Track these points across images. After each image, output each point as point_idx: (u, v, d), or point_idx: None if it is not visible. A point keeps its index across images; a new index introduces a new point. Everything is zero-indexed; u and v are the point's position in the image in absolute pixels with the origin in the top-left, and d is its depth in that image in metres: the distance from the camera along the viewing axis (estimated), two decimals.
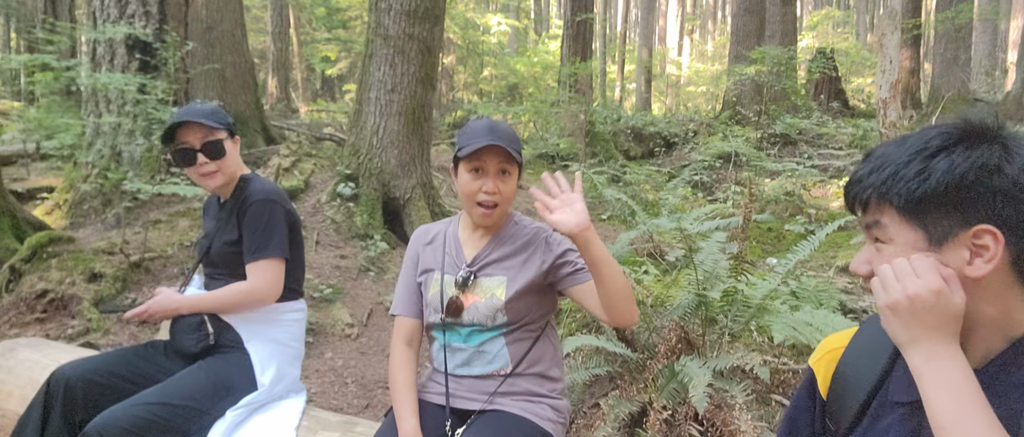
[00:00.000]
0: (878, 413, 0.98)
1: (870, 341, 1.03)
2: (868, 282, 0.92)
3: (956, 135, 0.91)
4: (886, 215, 0.91)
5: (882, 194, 0.90)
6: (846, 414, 1.00)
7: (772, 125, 9.27)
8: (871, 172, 0.92)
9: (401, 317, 1.92)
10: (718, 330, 3.00)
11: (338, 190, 5.31)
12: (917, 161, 0.89)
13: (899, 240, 0.90)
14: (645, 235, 4.40)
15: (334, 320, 3.94)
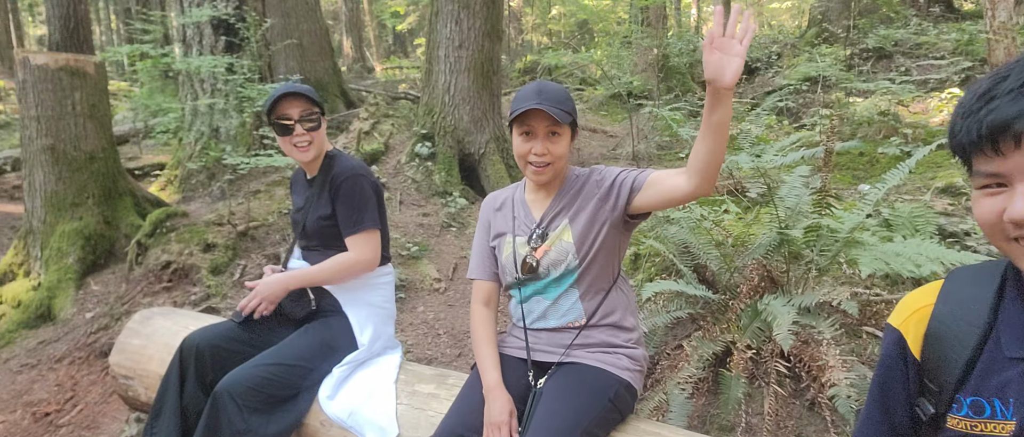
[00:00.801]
0: (989, 368, 0.93)
1: (963, 294, 0.98)
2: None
3: None
4: None
5: None
6: (950, 373, 0.96)
7: (863, 39, 8.60)
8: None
9: (478, 281, 2.04)
10: (804, 266, 2.95)
11: (416, 150, 5.49)
12: None
13: None
14: (725, 172, 4.30)
15: (422, 276, 4.16)
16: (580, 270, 1.85)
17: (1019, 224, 0.82)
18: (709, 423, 2.64)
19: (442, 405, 1.99)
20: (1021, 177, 0.82)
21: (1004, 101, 0.82)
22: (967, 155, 0.88)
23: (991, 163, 0.84)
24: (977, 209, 0.89)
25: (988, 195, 0.86)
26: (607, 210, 1.84)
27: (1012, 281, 0.95)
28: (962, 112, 0.87)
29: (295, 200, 2.52)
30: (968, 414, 0.94)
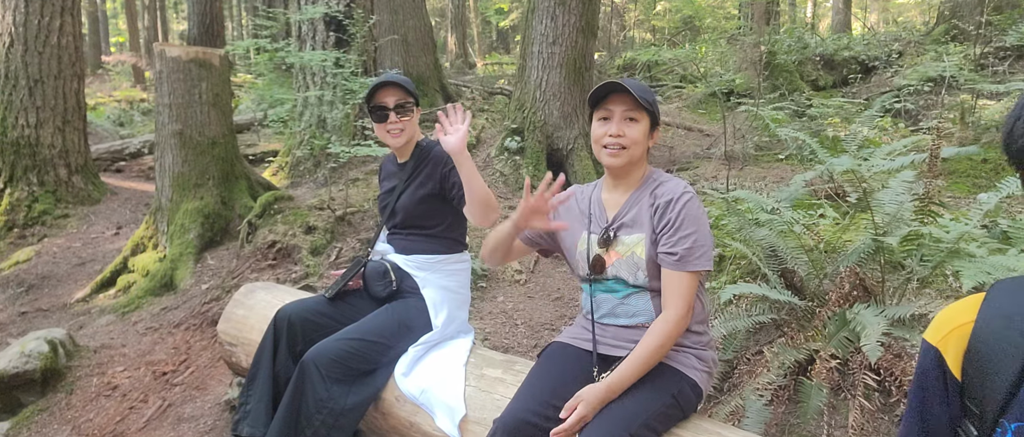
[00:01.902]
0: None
1: (1008, 311, 0.92)
2: None
3: None
4: None
5: None
6: (993, 396, 0.90)
7: (1001, 37, 7.80)
8: None
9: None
10: (903, 276, 2.76)
11: (505, 144, 5.59)
12: None
13: None
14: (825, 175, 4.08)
15: (504, 267, 4.25)
16: (650, 282, 1.85)
17: None
18: (788, 432, 2.54)
19: (508, 390, 2.06)
20: None
21: None
22: (1021, 160, 0.84)
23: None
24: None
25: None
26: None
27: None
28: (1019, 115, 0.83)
29: (383, 185, 2.67)
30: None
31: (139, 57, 16.63)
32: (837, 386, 2.53)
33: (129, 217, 5.94)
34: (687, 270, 1.76)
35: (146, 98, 12.85)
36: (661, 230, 1.79)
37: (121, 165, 7.66)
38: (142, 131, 9.45)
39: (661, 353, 1.77)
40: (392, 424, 2.30)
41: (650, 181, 1.89)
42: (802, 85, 8.76)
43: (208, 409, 3.18)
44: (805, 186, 3.80)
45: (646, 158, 1.92)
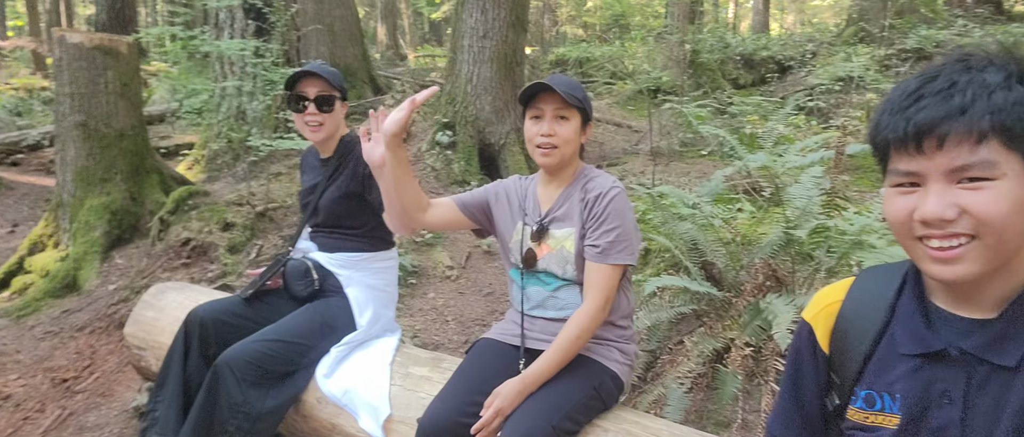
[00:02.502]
0: (883, 363, 0.97)
1: (868, 292, 1.01)
2: (945, 227, 0.84)
3: (1012, 59, 0.85)
4: (989, 147, 0.81)
5: (997, 122, 0.81)
6: (850, 366, 0.99)
7: (903, 40, 8.35)
8: (972, 100, 0.82)
9: (452, 199, 2.04)
10: (812, 267, 2.91)
11: (437, 138, 5.53)
12: (1015, 85, 0.83)
13: (1011, 173, 0.82)
14: (743, 171, 4.25)
15: (435, 263, 4.21)
16: (578, 276, 1.87)
17: (927, 223, 0.84)
18: (706, 418, 2.63)
19: (434, 388, 2.03)
20: (936, 178, 0.84)
21: (932, 101, 0.83)
22: (886, 152, 0.89)
23: (911, 162, 0.85)
24: (889, 207, 0.90)
25: (902, 193, 0.88)
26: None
27: (911, 280, 0.97)
28: (889, 109, 0.88)
29: (305, 180, 2.58)
30: (862, 406, 0.98)
31: (39, 42, 15.45)
32: (751, 372, 2.64)
33: (27, 214, 5.52)
34: (608, 263, 1.79)
35: (47, 86, 11.95)
36: (589, 223, 1.82)
37: (18, 158, 7.09)
38: (42, 122, 8.78)
39: (579, 344, 1.79)
40: (313, 427, 2.24)
41: (582, 177, 1.93)
42: (724, 83, 9.09)
43: (114, 417, 3.00)
44: (725, 181, 3.94)
45: (578, 154, 1.95)
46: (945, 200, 0.83)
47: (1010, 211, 0.81)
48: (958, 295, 0.92)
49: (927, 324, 0.93)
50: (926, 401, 0.91)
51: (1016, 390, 0.85)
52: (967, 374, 0.89)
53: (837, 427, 1.04)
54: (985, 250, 0.83)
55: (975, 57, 0.86)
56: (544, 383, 1.78)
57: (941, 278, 0.87)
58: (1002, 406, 0.86)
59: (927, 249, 0.85)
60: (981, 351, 0.88)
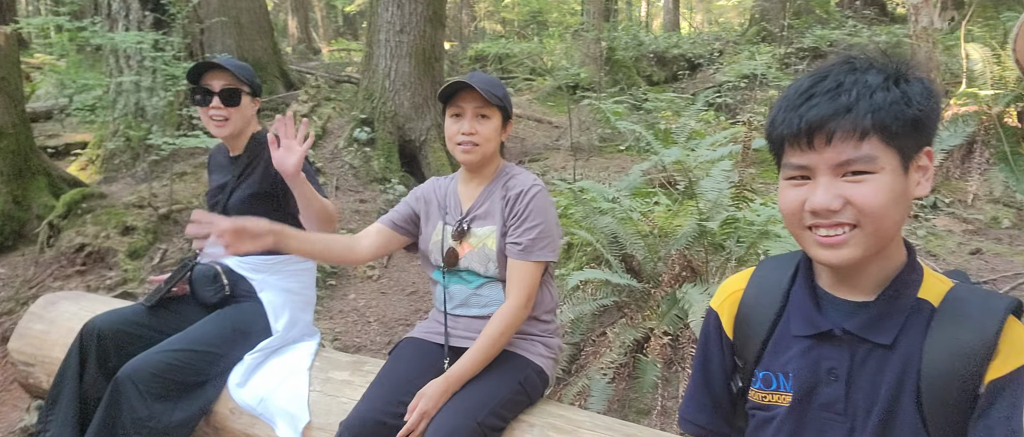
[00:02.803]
0: (778, 346, 1.03)
1: (766, 280, 1.08)
2: (832, 217, 0.90)
3: (891, 62, 0.92)
4: (871, 143, 0.89)
5: (878, 120, 0.88)
6: (751, 350, 1.06)
7: (800, 39, 8.90)
8: (857, 99, 0.88)
9: (376, 224, 2.01)
10: (723, 257, 3.04)
11: (355, 135, 5.39)
12: (893, 87, 0.89)
13: (888, 167, 0.89)
14: (659, 165, 4.39)
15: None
16: (500, 273, 1.87)
17: (816, 213, 0.90)
18: (628, 407, 2.70)
19: (356, 392, 1.97)
20: (824, 171, 0.90)
21: (822, 100, 0.89)
22: (781, 146, 0.95)
23: (802, 156, 0.91)
24: (783, 198, 0.96)
25: (794, 186, 0.94)
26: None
27: (803, 268, 1.05)
28: (784, 106, 0.94)
29: (213, 180, 2.44)
30: (760, 387, 1.04)
31: None
32: (669, 360, 2.73)
33: None
34: (530, 260, 1.80)
35: None
36: (511, 221, 1.82)
37: None
38: None
39: (502, 341, 1.79)
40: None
41: (503, 174, 1.92)
42: (639, 80, 9.37)
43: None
44: (642, 175, 4.06)
45: (499, 152, 1.95)
46: (832, 192, 0.89)
47: (887, 202, 0.88)
48: (842, 280, 0.99)
49: (816, 307, 1.00)
50: (815, 379, 0.98)
51: (892, 366, 0.93)
52: (851, 352, 0.96)
53: (742, 408, 1.10)
54: (865, 237, 0.90)
55: (859, 59, 0.93)
56: (469, 381, 1.77)
57: (827, 262, 0.94)
58: (880, 381, 0.94)
59: (815, 237, 0.92)
60: (862, 331, 0.95)
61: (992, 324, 0.89)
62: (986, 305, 0.91)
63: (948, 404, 0.90)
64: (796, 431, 0.99)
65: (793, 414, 0.99)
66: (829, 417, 0.97)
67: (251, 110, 2.29)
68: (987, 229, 4.13)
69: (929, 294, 0.95)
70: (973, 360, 0.88)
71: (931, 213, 4.32)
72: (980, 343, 0.89)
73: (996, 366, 0.88)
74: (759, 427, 1.04)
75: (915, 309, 0.94)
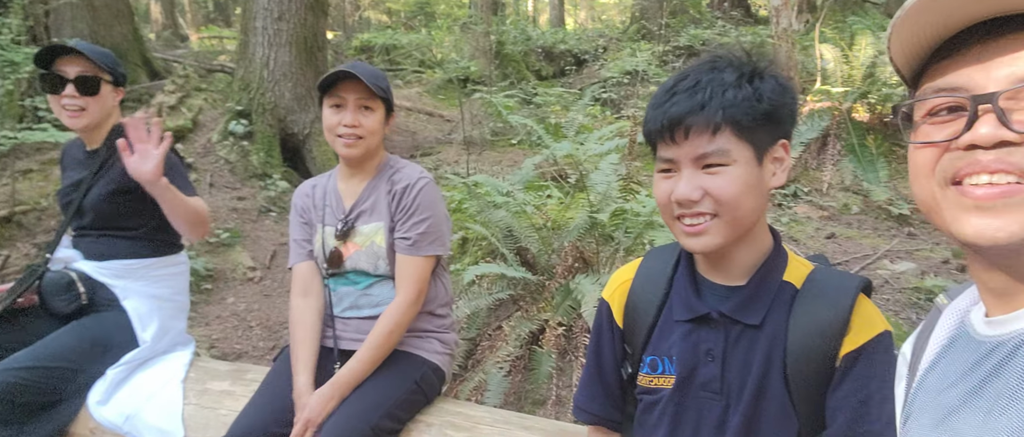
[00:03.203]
0: (663, 331, 1.08)
1: (652, 269, 1.13)
2: (693, 207, 0.96)
3: (749, 61, 0.99)
4: (724, 137, 0.95)
5: (729, 116, 0.94)
6: (640, 336, 1.10)
7: (677, 37, 9.39)
8: (710, 97, 0.94)
9: (297, 266, 1.91)
10: (613, 247, 3.14)
11: (230, 128, 5.05)
12: (744, 84, 0.96)
13: (741, 159, 0.95)
14: (550, 159, 4.46)
15: (234, 264, 3.84)
16: (392, 271, 1.81)
17: (680, 203, 0.97)
18: (524, 399, 2.73)
19: (238, 402, 1.84)
20: (686, 164, 0.97)
21: (682, 98, 0.96)
22: (653, 142, 1.01)
23: (668, 150, 0.98)
24: (656, 190, 1.02)
25: (664, 178, 1.00)
26: None
27: (684, 256, 1.11)
28: (653, 104, 1.00)
29: (66, 177, 2.18)
30: (648, 371, 1.10)
31: None
32: (564, 350, 2.79)
33: None
34: (420, 255, 1.76)
35: None
36: (398, 216, 1.77)
37: None
38: None
39: (392, 340, 1.74)
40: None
41: (387, 168, 1.86)
42: (528, 74, 9.50)
43: None
44: (534, 169, 4.11)
45: (383, 145, 1.88)
46: (692, 183, 0.95)
47: (741, 192, 0.95)
48: (715, 266, 1.05)
49: (696, 293, 1.06)
50: (695, 360, 1.04)
51: (761, 344, 1.00)
52: (725, 334, 1.02)
53: (632, 394, 1.14)
54: (724, 226, 0.96)
55: (721, 59, 1.00)
56: (361, 383, 1.70)
57: (692, 249, 1.00)
58: (751, 359, 1.00)
59: (682, 226, 0.98)
60: (734, 313, 1.01)
61: (846, 302, 0.97)
62: (840, 285, 0.99)
63: (809, 378, 0.97)
64: (678, 411, 1.05)
65: (676, 395, 1.05)
66: (707, 396, 1.03)
67: (112, 100, 2.07)
68: (840, 215, 4.56)
69: (792, 277, 1.02)
70: (829, 336, 0.96)
71: (792, 201, 4.71)
72: (835, 320, 0.96)
73: (849, 341, 0.96)
74: (646, 410, 1.09)
75: (780, 291, 1.01)
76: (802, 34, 7.88)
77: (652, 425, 1.08)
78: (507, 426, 1.76)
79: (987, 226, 0.62)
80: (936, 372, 0.75)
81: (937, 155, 0.66)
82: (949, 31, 0.66)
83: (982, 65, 0.63)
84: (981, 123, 0.61)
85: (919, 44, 0.68)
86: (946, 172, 0.65)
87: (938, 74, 0.67)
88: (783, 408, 0.98)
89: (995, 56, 0.63)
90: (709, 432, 1.02)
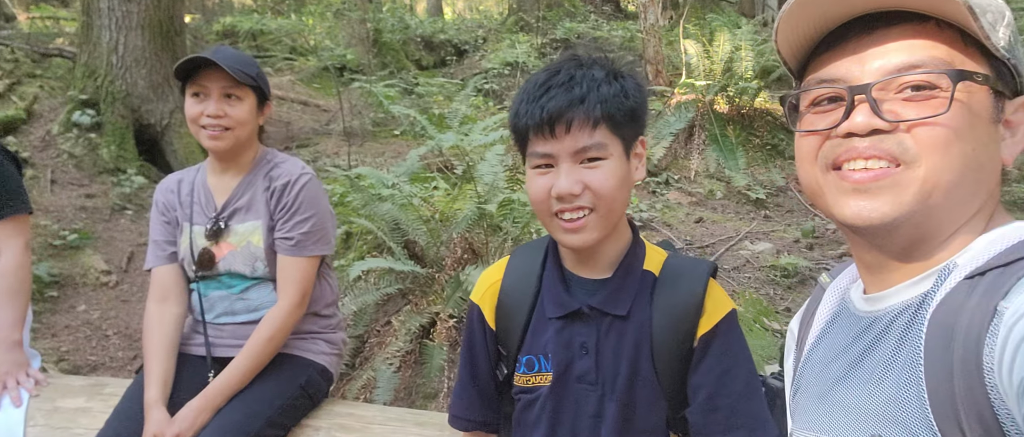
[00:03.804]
0: (537, 329, 1.09)
1: (520, 269, 1.13)
2: (574, 201, 0.97)
3: (609, 60, 1.02)
4: (601, 132, 0.97)
5: (605, 111, 0.96)
6: (514, 336, 1.10)
7: (553, 30, 9.63)
8: (588, 92, 0.96)
9: (155, 269, 1.76)
10: (501, 237, 3.16)
11: (74, 119, 4.52)
12: (613, 81, 0.98)
13: (616, 154, 0.98)
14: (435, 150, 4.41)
15: (84, 269, 3.46)
16: (271, 272, 1.71)
17: (561, 198, 0.98)
18: (415, 393, 2.69)
19: (96, 420, 1.67)
20: (566, 158, 0.97)
21: (558, 92, 0.97)
22: (525, 136, 1.01)
23: (546, 144, 0.98)
24: (532, 187, 1.02)
25: (540, 174, 1.00)
26: None
27: (551, 253, 1.12)
28: (526, 98, 1.00)
29: None
30: (524, 371, 1.10)
31: None
32: (454, 342, 2.78)
33: None
34: (304, 255, 1.67)
35: None
36: (278, 215, 1.66)
37: None
38: None
39: (273, 346, 1.64)
40: None
41: (264, 163, 1.74)
42: (408, 64, 9.33)
43: None
44: (420, 160, 4.04)
45: (257, 137, 1.76)
46: (573, 177, 0.96)
47: (616, 185, 0.98)
48: (584, 260, 1.07)
49: (566, 289, 1.07)
50: (570, 354, 1.06)
51: (630, 334, 1.03)
52: (597, 327, 1.05)
53: (508, 395, 1.14)
54: (600, 219, 0.98)
55: (584, 57, 1.03)
56: (240, 391, 1.59)
57: (572, 245, 1.01)
58: (621, 349, 1.04)
59: (560, 222, 0.99)
60: (603, 305, 1.04)
61: (699, 288, 1.03)
62: (693, 272, 1.05)
63: (673, 360, 1.02)
64: (557, 406, 1.06)
65: (554, 391, 1.06)
66: (583, 388, 1.05)
67: None
68: (706, 200, 4.91)
69: (652, 265, 1.07)
70: (687, 320, 1.02)
71: (665, 188, 5.00)
72: (691, 304, 1.02)
73: (704, 322, 1.02)
74: (525, 409, 1.10)
75: (643, 280, 1.05)
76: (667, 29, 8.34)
77: (532, 423, 1.09)
78: (401, 423, 1.72)
79: (863, 208, 0.67)
80: (821, 347, 0.81)
81: (819, 142, 0.71)
82: (830, 25, 0.71)
83: (858, 57, 0.68)
84: (857, 112, 0.67)
85: (803, 37, 0.73)
86: (827, 158, 0.70)
87: (821, 66, 0.72)
88: (654, 391, 1.03)
89: (869, 49, 0.68)
90: (587, 422, 1.05)
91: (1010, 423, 0.55)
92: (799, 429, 0.79)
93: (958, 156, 0.64)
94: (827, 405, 0.74)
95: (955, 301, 0.62)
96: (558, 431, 1.06)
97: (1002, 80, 0.67)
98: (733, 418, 1.00)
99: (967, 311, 0.60)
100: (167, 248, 1.75)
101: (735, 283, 3.53)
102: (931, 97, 0.65)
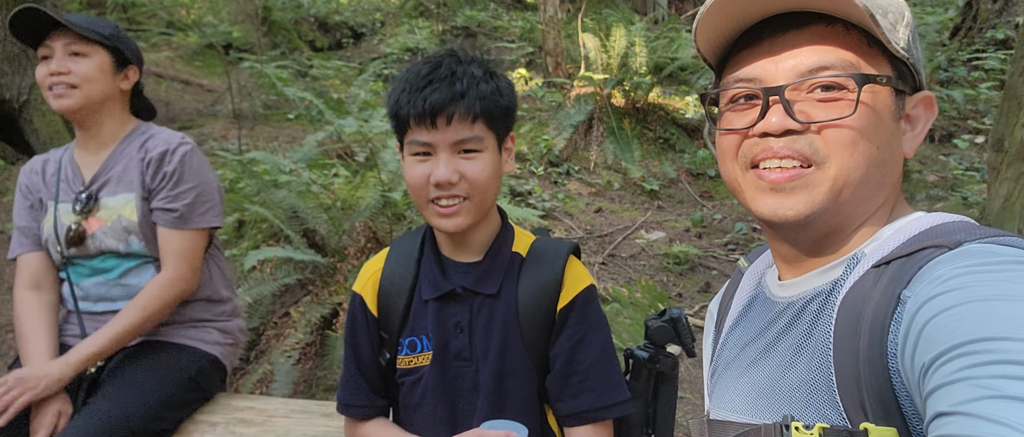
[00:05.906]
0: (417, 312, 1.15)
1: (400, 256, 1.18)
2: (450, 189, 1.02)
3: (485, 59, 1.09)
4: (479, 126, 1.04)
5: (484, 107, 1.02)
6: (395, 321, 1.15)
7: (453, 17, 9.56)
8: (468, 87, 1.02)
9: (22, 256, 1.63)
10: (406, 225, 3.13)
11: None
12: (490, 80, 1.05)
13: (490, 147, 1.06)
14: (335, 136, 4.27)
15: None
16: (148, 248, 1.61)
17: (439, 185, 1.04)
18: (315, 386, 2.62)
19: None
20: (445, 148, 1.04)
21: (441, 86, 1.03)
22: (405, 125, 1.06)
23: (427, 134, 1.04)
24: (410, 174, 1.07)
25: (419, 161, 1.06)
26: None
27: (428, 239, 1.19)
28: (407, 88, 1.05)
29: None
30: (407, 352, 1.16)
31: None
32: None
33: None
34: (189, 227, 1.60)
35: None
36: (156, 186, 1.58)
37: None
38: None
39: (147, 315, 1.55)
40: None
41: (137, 134, 1.66)
42: (301, 45, 8.93)
43: None
44: (318, 146, 3.90)
45: (125, 106, 1.67)
46: (451, 167, 1.03)
47: (490, 176, 1.05)
48: (458, 245, 1.14)
49: (442, 272, 1.14)
50: (447, 334, 1.12)
51: (499, 310, 1.11)
52: (470, 306, 1.12)
53: (393, 378, 1.19)
54: (473, 207, 1.05)
55: (460, 53, 1.09)
56: (121, 384, 1.49)
57: (446, 230, 1.07)
58: (492, 325, 1.11)
59: (436, 208, 1.05)
60: (475, 286, 1.11)
61: (559, 265, 1.12)
62: (555, 251, 1.14)
63: (538, 332, 1.10)
64: (438, 383, 1.13)
65: (434, 369, 1.12)
66: (460, 364, 1.12)
67: None
68: (605, 191, 5.09)
69: (520, 247, 1.15)
70: (548, 295, 1.10)
71: (566, 179, 5.13)
72: (552, 280, 1.11)
73: (563, 296, 1.11)
74: (409, 389, 1.15)
75: (511, 261, 1.13)
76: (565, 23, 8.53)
77: (415, 404, 1.14)
78: (306, 415, 1.68)
79: (779, 206, 0.72)
80: (738, 330, 0.86)
81: (738, 141, 0.76)
82: (747, 23, 0.74)
83: (772, 58, 0.72)
84: (771, 113, 0.71)
85: (722, 34, 0.76)
86: (746, 157, 0.75)
87: (739, 64, 0.76)
88: (523, 362, 1.11)
89: (783, 50, 0.72)
90: (466, 396, 1.12)
91: (908, 404, 0.60)
92: (716, 408, 0.84)
93: (864, 155, 0.69)
94: (743, 385, 0.79)
95: (863, 289, 0.66)
96: (439, 408, 1.12)
97: (903, 79, 0.72)
98: (585, 382, 1.09)
99: (873, 299, 0.64)
100: (32, 234, 1.63)
101: (632, 270, 3.70)
102: (839, 98, 0.69)
